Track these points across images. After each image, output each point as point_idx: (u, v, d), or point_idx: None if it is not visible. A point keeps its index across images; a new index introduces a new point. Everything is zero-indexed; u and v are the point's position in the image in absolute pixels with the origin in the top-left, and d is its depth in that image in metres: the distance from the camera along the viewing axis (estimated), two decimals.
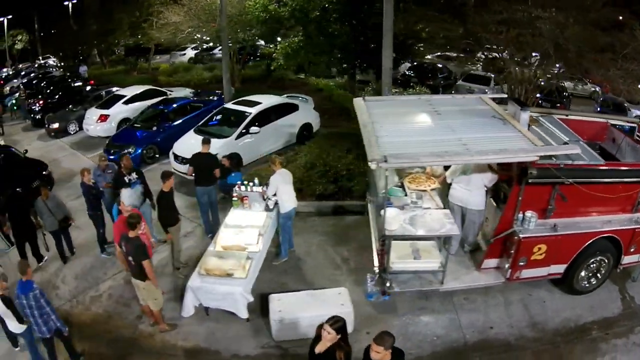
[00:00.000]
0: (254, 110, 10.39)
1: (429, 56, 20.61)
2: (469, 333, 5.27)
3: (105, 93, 16.00)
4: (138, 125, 11.71)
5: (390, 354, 3.41)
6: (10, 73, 31.67)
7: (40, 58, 36.83)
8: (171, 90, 14.81)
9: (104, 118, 13.20)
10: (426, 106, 6.64)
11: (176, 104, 11.98)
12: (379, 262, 5.54)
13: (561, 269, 5.62)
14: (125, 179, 7.01)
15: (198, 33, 16.08)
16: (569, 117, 6.77)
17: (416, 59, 17.57)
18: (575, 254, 5.52)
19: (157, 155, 11.17)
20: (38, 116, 16.57)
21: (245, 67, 18.30)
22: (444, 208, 5.96)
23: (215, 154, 7.94)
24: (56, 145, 14.37)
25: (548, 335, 5.31)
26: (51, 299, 5.60)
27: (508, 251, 5.46)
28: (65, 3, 35.13)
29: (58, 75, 24.70)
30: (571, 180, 5.09)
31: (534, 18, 9.08)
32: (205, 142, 7.56)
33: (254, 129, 10.07)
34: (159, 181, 6.78)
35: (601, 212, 5.59)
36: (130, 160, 7.24)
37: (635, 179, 5.47)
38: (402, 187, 6.43)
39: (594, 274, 5.90)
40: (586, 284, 5.93)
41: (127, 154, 7.62)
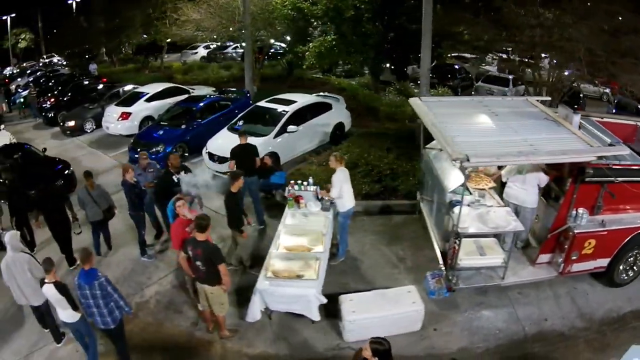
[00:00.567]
0: (291, 108, 10.04)
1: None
2: (527, 325, 5.44)
3: (122, 91, 15.53)
4: (165, 124, 11.26)
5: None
6: (15, 71, 31.13)
7: (45, 57, 36.28)
8: (193, 89, 14.36)
9: (125, 116, 12.71)
10: (481, 107, 6.78)
11: (204, 102, 11.54)
12: (448, 259, 5.66)
13: (605, 262, 5.88)
14: (174, 178, 6.57)
15: (220, 31, 15.57)
16: (604, 120, 6.99)
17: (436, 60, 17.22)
18: (618, 248, 5.79)
19: (187, 154, 10.74)
20: (50, 114, 16.09)
21: (262, 67, 17.88)
22: (505, 206, 6.09)
23: (254, 145, 7.86)
24: (73, 144, 13.90)
25: (595, 325, 5.55)
26: None
27: (562, 246, 5.70)
28: (70, 1, 34.73)
29: (66, 73, 24.21)
30: (620, 179, 5.43)
31: (570, 24, 9.20)
32: (242, 134, 7.65)
33: (291, 127, 9.72)
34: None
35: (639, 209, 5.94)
36: (179, 159, 6.77)
37: None
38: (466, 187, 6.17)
39: (631, 267, 6.14)
40: (624, 277, 6.15)
41: (174, 152, 7.19)
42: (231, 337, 5.44)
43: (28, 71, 29.28)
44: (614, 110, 15.79)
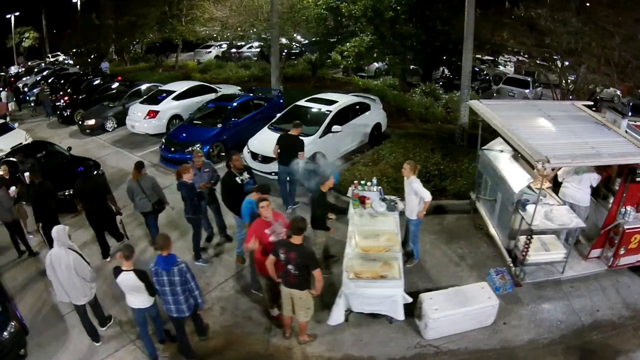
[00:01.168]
0: (333, 108, 9.75)
1: None
2: (583, 316, 5.66)
3: (143, 89, 15.10)
4: (198, 122, 10.85)
5: None
6: (21, 70, 30.58)
7: (50, 56, 35.74)
8: (219, 87, 13.98)
9: (152, 114, 12.24)
10: (537, 111, 6.97)
11: (239, 101, 11.14)
12: (519, 255, 5.90)
13: None
14: (238, 179, 6.19)
15: (247, 30, 15.22)
16: (637, 123, 7.12)
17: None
18: None
19: (224, 154, 10.35)
20: (66, 112, 15.62)
21: (284, 66, 17.56)
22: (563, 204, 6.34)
23: (302, 140, 7.79)
24: (94, 143, 13.44)
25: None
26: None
27: (612, 241, 6.02)
28: (75, 0, 34.23)
29: (76, 71, 23.72)
30: None
31: (606, 32, 9.51)
32: (297, 126, 7.71)
33: (336, 127, 9.44)
34: None
35: None
36: (241, 160, 6.38)
37: None
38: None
39: None
40: None
41: (236, 153, 6.85)
42: (311, 342, 5.22)
43: (35, 70, 28.82)
44: (630, 113, 15.88)
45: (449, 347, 5.10)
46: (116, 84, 17.13)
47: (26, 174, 8.68)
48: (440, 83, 16.93)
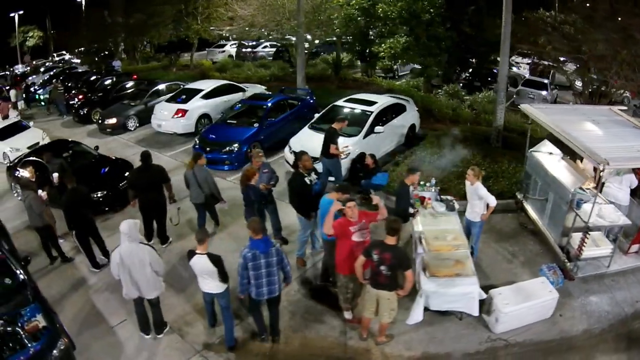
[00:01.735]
0: (374, 109, 9.66)
1: None
2: (626, 307, 5.87)
3: (165, 88, 14.86)
4: (233, 122, 10.62)
5: None
6: (27, 69, 30.15)
7: (55, 55, 35.30)
8: (246, 87, 13.78)
9: (182, 113, 12.01)
10: (581, 115, 7.30)
11: (273, 101, 10.95)
12: (575, 251, 6.11)
13: None
14: (307, 180, 6.01)
15: (274, 29, 15.05)
16: None
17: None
18: None
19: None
20: (83, 111, 15.32)
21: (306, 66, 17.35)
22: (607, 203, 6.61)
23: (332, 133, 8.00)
24: (117, 142, 13.21)
25: None
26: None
27: None
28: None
29: (85, 70, 23.39)
30: None
31: (634, 39, 9.69)
32: (339, 120, 7.95)
33: (378, 128, 9.38)
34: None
35: None
36: (310, 160, 6.23)
37: None
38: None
39: None
40: None
41: (306, 153, 6.81)
42: (388, 342, 5.22)
43: (41, 69, 28.42)
44: None
45: (517, 340, 5.26)
46: (130, 83, 16.89)
47: (54, 174, 8.44)
48: (461, 84, 16.90)
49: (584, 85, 16.23)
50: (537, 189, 7.25)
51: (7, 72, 30.72)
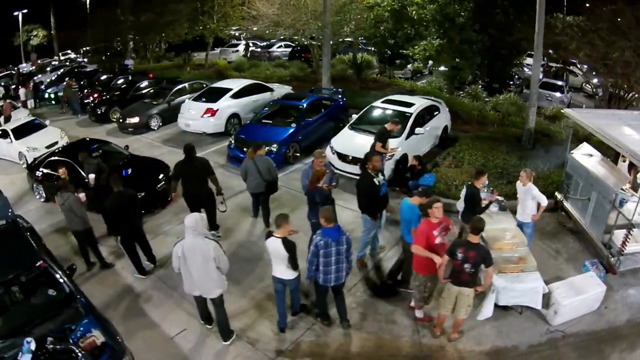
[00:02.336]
0: (413, 110, 9.64)
1: None
2: None
3: (187, 86, 14.69)
4: (268, 122, 10.50)
5: None
6: (32, 68, 29.78)
7: (60, 54, 34.92)
8: (274, 87, 13.67)
9: (212, 112, 11.84)
10: (618, 120, 7.46)
11: (308, 101, 10.84)
12: (615, 247, 6.31)
13: None
14: (375, 181, 5.97)
15: (300, 28, 14.96)
16: None
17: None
18: None
19: (298, 154, 10.12)
20: (100, 110, 15.08)
21: None
22: None
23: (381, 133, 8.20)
24: (141, 142, 12.94)
25: None
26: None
27: None
28: None
29: (94, 69, 23.12)
30: None
31: None
32: (394, 122, 8.18)
33: (419, 129, 9.37)
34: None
35: None
36: (380, 160, 6.18)
37: None
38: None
39: None
40: None
41: (376, 154, 6.87)
42: (460, 339, 5.32)
43: (48, 68, 28.08)
44: None
45: (572, 330, 5.49)
46: (145, 82, 16.66)
47: (91, 175, 8.21)
48: (481, 86, 16.99)
49: (604, 89, 16.57)
50: (579, 189, 7.48)
51: (13, 71, 30.36)
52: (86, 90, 17.50)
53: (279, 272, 5.12)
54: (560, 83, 19.38)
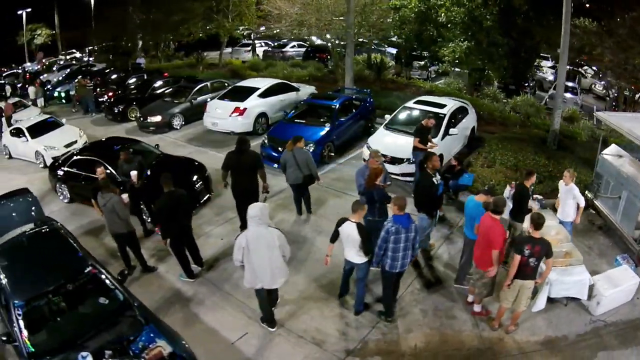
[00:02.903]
0: (446, 111, 9.76)
1: None
2: None
3: (209, 85, 14.67)
4: (302, 121, 10.49)
5: None
6: (38, 67, 29.57)
7: (64, 53, 34.68)
8: (298, 87, 13.71)
9: (240, 111, 11.81)
10: None
11: (340, 100, 10.86)
12: None
13: None
14: (434, 180, 6.09)
15: (324, 28, 15.04)
16: None
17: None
18: None
19: (333, 154, 10.20)
20: (118, 109, 14.96)
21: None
22: None
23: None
24: (165, 141, 12.68)
25: None
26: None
27: None
28: None
29: (102, 67, 22.98)
30: None
31: None
32: (429, 118, 8.51)
33: (452, 130, 9.51)
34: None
35: None
36: (439, 160, 6.30)
37: None
38: None
39: None
40: None
41: (435, 154, 7.03)
42: (516, 330, 5.51)
43: (55, 67, 27.90)
44: None
45: (611, 320, 5.75)
46: (161, 81, 16.60)
47: (133, 173, 7.83)
48: (499, 89, 17.20)
49: (619, 92, 16.92)
50: (609, 189, 7.77)
51: (18, 70, 30.13)
52: (99, 89, 17.37)
53: (349, 256, 5.40)
54: (572, 85, 19.72)
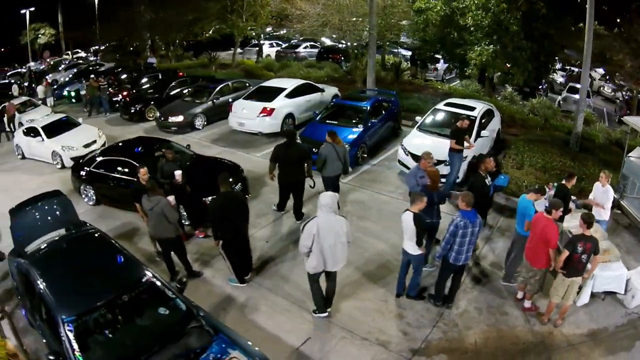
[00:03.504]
0: (476, 114, 9.90)
1: None
2: None
3: (230, 85, 14.68)
4: (334, 122, 10.47)
5: None
6: (42, 67, 29.38)
7: (69, 52, 34.41)
8: (323, 87, 13.78)
9: (268, 112, 11.83)
10: None
11: (371, 102, 10.94)
12: None
13: None
14: (487, 181, 6.28)
15: (348, 29, 15.16)
16: None
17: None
18: None
19: (366, 155, 10.33)
20: (135, 108, 14.89)
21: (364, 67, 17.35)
22: None
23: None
24: (188, 142, 12.86)
25: None
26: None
27: None
28: None
29: (112, 66, 22.90)
30: None
31: None
32: (462, 119, 8.64)
33: (483, 132, 9.71)
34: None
35: None
36: (493, 162, 6.50)
37: None
38: None
39: None
40: None
41: (490, 155, 7.66)
42: (563, 324, 5.75)
43: (61, 66, 27.75)
44: None
45: None
46: (179, 81, 16.59)
47: (177, 172, 7.53)
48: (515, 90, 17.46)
49: (631, 95, 17.32)
50: (636, 189, 8.15)
51: (23, 69, 29.92)
52: (111, 89, 17.26)
53: (407, 246, 5.67)
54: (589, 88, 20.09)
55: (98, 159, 9.25)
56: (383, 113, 11.13)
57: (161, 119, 13.59)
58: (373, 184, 9.41)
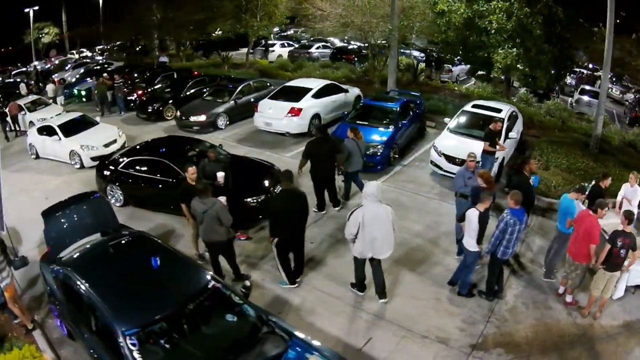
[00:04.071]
0: (504, 115, 10.12)
1: None
2: None
3: (252, 84, 14.77)
4: (364, 123, 10.50)
5: None
6: (47, 66, 29.26)
7: (74, 52, 34.24)
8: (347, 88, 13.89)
9: (297, 112, 11.91)
10: None
11: (400, 102, 11.12)
12: None
13: None
14: (530, 181, 6.57)
15: (370, 29, 15.32)
16: None
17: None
18: None
19: (397, 156, 10.53)
20: (153, 107, 14.87)
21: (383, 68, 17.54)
22: None
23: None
24: (212, 142, 12.92)
25: None
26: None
27: None
28: None
29: (122, 65, 22.86)
30: None
31: None
32: (495, 121, 8.95)
33: (511, 133, 9.99)
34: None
35: None
36: (534, 164, 6.82)
37: None
38: None
39: None
40: None
41: (530, 157, 8.28)
42: (600, 316, 6.01)
43: (68, 65, 27.67)
44: None
45: None
46: (196, 80, 16.62)
47: (220, 173, 7.28)
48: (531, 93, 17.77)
49: None
50: None
51: (29, 68, 29.80)
52: (125, 88, 17.23)
53: (465, 242, 5.97)
54: (592, 89, 20.50)
55: (126, 158, 9.03)
56: (411, 114, 11.33)
57: (182, 118, 13.51)
58: (408, 184, 9.61)
